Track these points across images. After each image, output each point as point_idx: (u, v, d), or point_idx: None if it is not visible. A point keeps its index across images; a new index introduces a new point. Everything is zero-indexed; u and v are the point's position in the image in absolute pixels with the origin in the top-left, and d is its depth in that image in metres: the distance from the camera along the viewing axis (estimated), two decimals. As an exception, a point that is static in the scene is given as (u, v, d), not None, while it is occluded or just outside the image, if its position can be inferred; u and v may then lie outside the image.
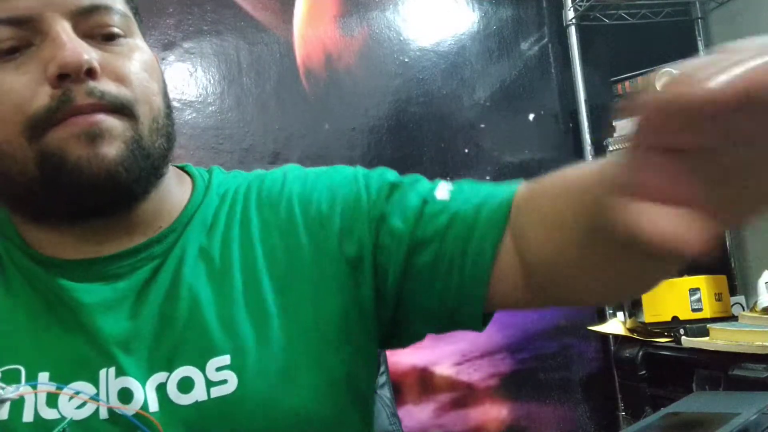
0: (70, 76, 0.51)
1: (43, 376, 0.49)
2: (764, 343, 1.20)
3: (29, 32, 0.53)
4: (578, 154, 1.78)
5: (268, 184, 0.57)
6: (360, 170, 0.57)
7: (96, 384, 0.49)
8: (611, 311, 1.70)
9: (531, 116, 1.79)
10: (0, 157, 0.53)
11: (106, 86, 0.53)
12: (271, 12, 1.61)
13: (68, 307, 0.51)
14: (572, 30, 1.77)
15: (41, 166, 0.52)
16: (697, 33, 1.88)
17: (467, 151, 1.70)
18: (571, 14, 1.77)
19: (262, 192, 0.57)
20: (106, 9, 0.56)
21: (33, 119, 0.52)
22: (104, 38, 0.56)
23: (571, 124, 1.81)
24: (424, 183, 0.54)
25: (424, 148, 1.66)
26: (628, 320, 1.61)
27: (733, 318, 1.44)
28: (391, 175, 0.56)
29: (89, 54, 0.52)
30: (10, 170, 0.53)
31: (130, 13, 0.59)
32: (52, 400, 0.48)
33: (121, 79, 0.55)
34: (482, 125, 1.73)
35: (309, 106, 1.60)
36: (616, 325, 1.63)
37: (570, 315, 1.75)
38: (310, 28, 1.63)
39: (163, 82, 0.60)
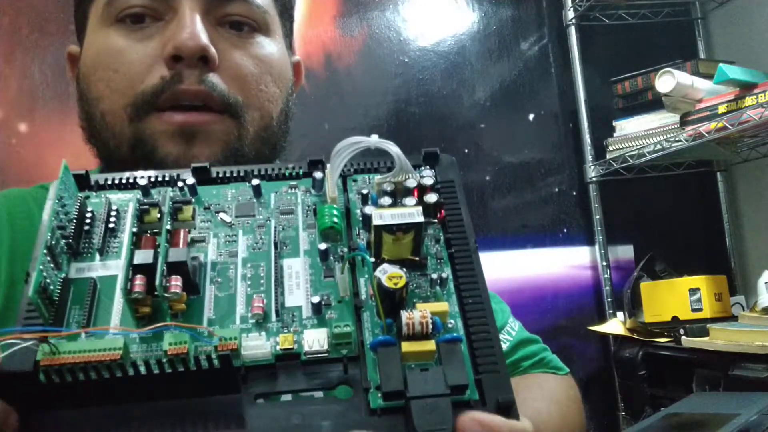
0: (183, 59, 0.50)
1: None
2: (764, 343, 1.19)
3: (161, 5, 0.52)
4: (578, 154, 1.78)
5: None
6: None
7: None
8: (611, 311, 1.70)
9: (531, 116, 1.78)
10: (102, 126, 0.53)
11: (219, 81, 0.52)
12: (271, 12, 1.61)
13: None
14: (572, 30, 1.77)
15: (133, 149, 0.52)
16: (697, 33, 1.88)
17: (467, 151, 1.70)
18: (571, 14, 1.77)
19: None
20: (243, 0, 0.54)
21: (139, 98, 0.51)
22: (234, 28, 0.55)
23: (571, 124, 1.80)
24: None
25: (424, 148, 1.66)
26: (628, 320, 1.60)
27: (733, 318, 1.44)
28: None
29: (208, 41, 0.51)
30: (108, 142, 0.54)
31: (272, 11, 0.58)
32: None
33: (237, 77, 0.53)
34: (482, 125, 1.73)
35: (309, 106, 1.60)
36: (616, 325, 1.63)
37: (570, 315, 1.75)
38: (310, 28, 1.63)
39: (290, 88, 0.59)
